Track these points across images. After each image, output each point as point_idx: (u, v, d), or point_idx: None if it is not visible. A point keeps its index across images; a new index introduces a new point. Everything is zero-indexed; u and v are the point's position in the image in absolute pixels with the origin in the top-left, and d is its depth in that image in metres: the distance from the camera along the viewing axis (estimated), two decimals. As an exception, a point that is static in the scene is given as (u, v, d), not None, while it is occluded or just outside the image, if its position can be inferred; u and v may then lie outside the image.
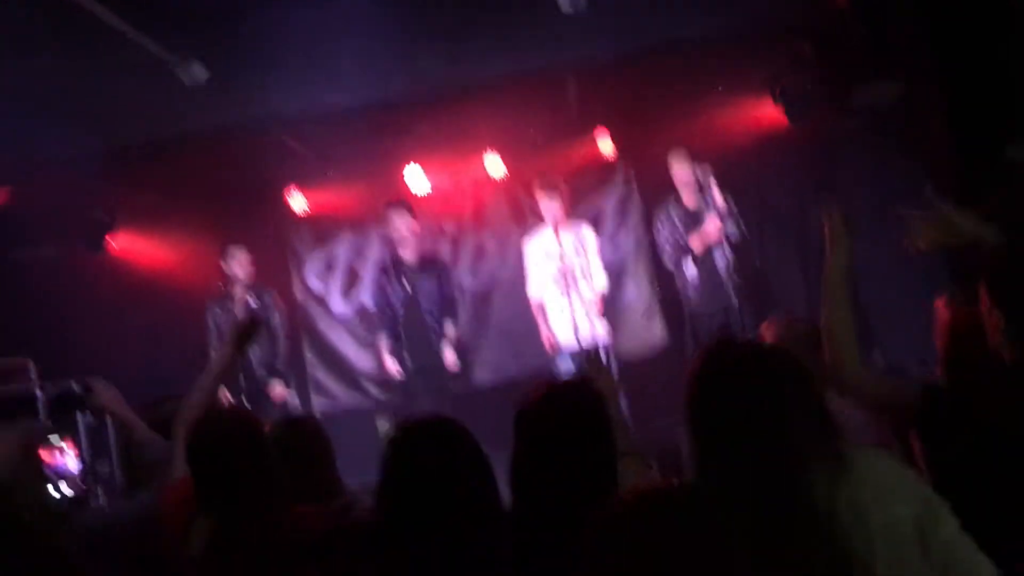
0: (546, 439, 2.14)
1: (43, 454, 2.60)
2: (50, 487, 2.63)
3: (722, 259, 6.52)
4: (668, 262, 6.78)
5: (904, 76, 6.70)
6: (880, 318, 7.11)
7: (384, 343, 6.91)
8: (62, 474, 2.60)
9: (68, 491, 2.68)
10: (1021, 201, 2.38)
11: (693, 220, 6.61)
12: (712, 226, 6.41)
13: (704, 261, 6.56)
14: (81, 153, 6.02)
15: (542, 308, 6.67)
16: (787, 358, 1.87)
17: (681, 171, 6.63)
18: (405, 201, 7.01)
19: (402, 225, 6.81)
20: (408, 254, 6.88)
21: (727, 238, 6.51)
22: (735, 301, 6.49)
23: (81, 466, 2.61)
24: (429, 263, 6.99)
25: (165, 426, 2.96)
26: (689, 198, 6.67)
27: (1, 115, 5.37)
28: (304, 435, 3.07)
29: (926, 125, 6.15)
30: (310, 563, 2.28)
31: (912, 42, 5.79)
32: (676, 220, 6.67)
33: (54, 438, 2.68)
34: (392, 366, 6.77)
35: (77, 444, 2.67)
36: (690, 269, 6.63)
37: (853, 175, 7.60)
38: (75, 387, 3.15)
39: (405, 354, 6.70)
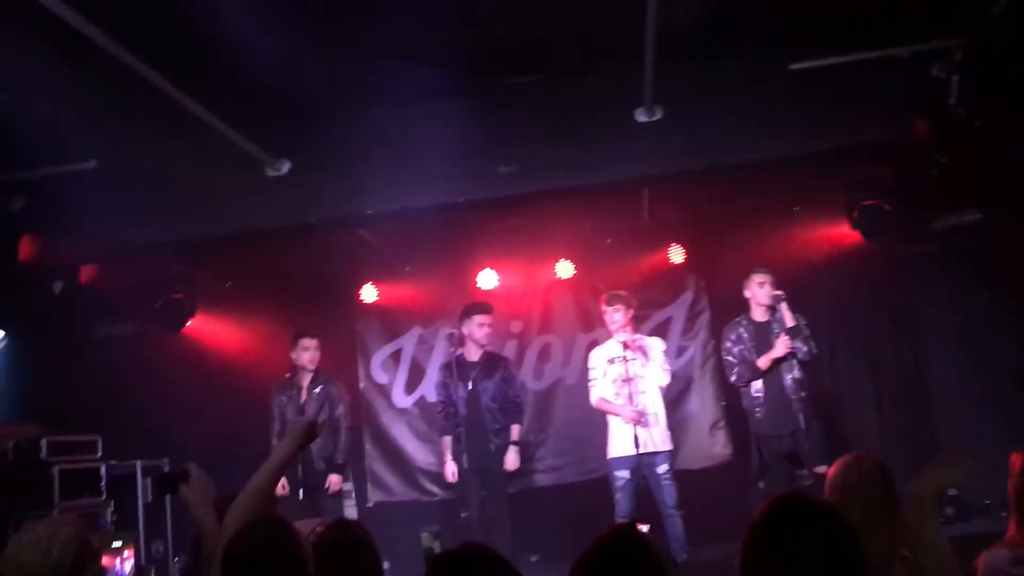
0: None
1: (104, 558, 2.55)
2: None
3: (791, 379, 6.40)
4: (736, 379, 6.65)
5: (984, 205, 6.64)
6: (955, 447, 6.86)
7: (446, 442, 6.89)
8: None
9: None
10: None
11: (763, 336, 6.52)
12: (781, 345, 6.32)
13: (772, 381, 6.43)
14: (167, 238, 6.25)
15: (604, 405, 6.60)
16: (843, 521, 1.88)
17: (755, 288, 6.56)
18: (488, 304, 7.04)
19: (481, 328, 6.84)
20: (473, 353, 6.90)
21: (796, 357, 6.41)
22: (803, 423, 6.35)
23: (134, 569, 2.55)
24: (493, 363, 6.98)
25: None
26: (760, 314, 6.59)
27: (95, 196, 5.66)
28: (352, 540, 3.06)
29: (1005, 253, 6.05)
30: None
31: (992, 172, 5.74)
32: (745, 336, 6.58)
33: (117, 542, 2.63)
34: (450, 467, 6.71)
35: (135, 541, 2.62)
36: (757, 388, 6.50)
37: (928, 299, 7.47)
38: (170, 469, 3.12)
39: (463, 454, 6.64)
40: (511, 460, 6.69)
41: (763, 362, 6.41)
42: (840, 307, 7.75)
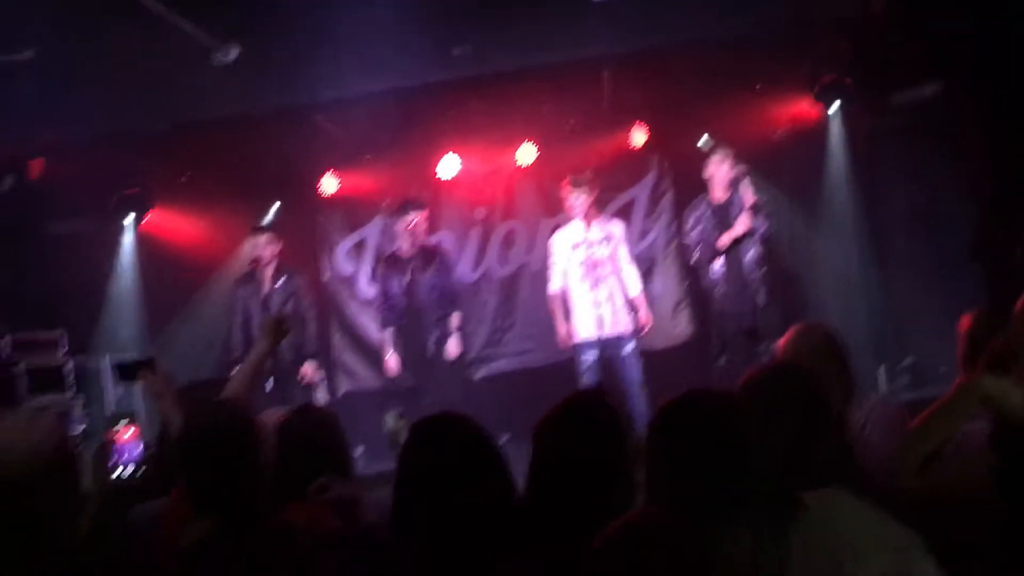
0: (562, 457, 2.14)
1: (113, 436, 2.52)
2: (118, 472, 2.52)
3: (750, 257, 6.45)
4: (696, 259, 6.71)
5: (943, 76, 6.60)
6: (914, 320, 7.03)
7: (386, 335, 6.94)
8: (130, 459, 2.51)
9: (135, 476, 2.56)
10: None
11: (723, 216, 6.53)
12: (741, 224, 6.35)
13: (732, 259, 6.48)
14: (117, 130, 6.08)
15: (561, 300, 6.62)
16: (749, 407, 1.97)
17: (716, 167, 6.55)
18: (419, 202, 6.96)
19: (411, 224, 6.79)
20: (407, 249, 6.87)
21: (757, 235, 6.45)
22: (762, 300, 6.44)
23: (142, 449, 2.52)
24: (428, 255, 6.92)
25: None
26: (720, 193, 6.59)
27: (39, 89, 5.47)
28: (317, 424, 3.06)
29: (964, 125, 6.06)
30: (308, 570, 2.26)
31: (951, 43, 5.69)
32: (706, 216, 6.59)
33: (123, 420, 2.58)
34: (392, 359, 6.78)
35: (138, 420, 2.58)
36: (717, 267, 6.56)
37: (891, 173, 7.51)
38: (137, 357, 3.03)
39: (406, 345, 6.73)
40: (452, 348, 6.72)
41: (723, 241, 6.45)
42: (802, 182, 7.77)
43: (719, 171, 6.53)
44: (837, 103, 7.16)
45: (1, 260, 6.48)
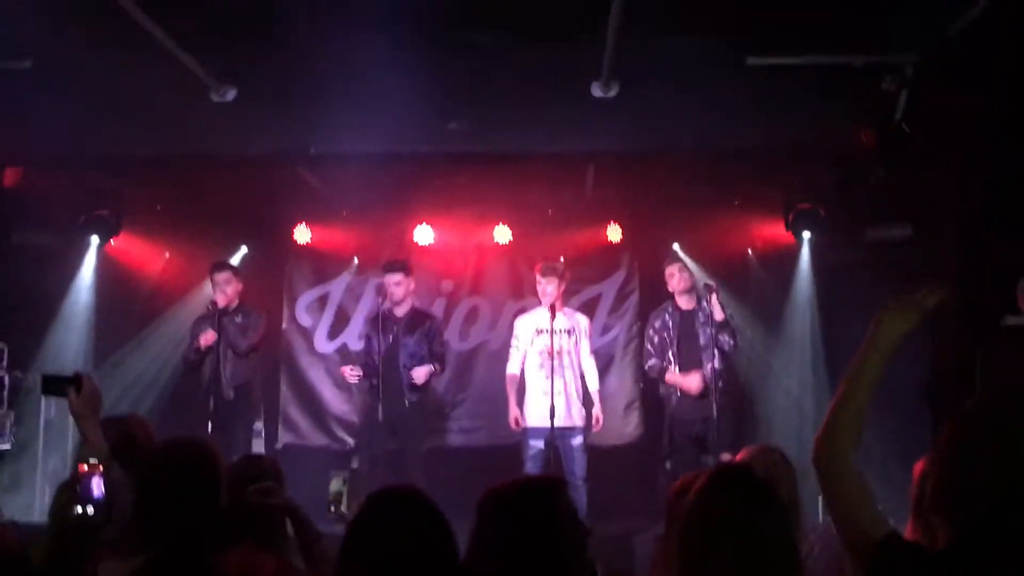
0: (500, 539, 2.12)
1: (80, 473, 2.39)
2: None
3: (710, 368, 6.53)
4: (648, 369, 6.85)
5: (915, 221, 6.83)
6: (863, 456, 7.07)
7: (360, 390, 6.86)
8: (93, 497, 2.39)
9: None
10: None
11: (688, 325, 6.66)
12: (695, 380, 6.52)
13: (690, 363, 6.59)
14: (100, 151, 6.04)
15: (514, 383, 6.63)
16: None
17: (682, 277, 6.67)
18: (403, 263, 6.96)
19: (398, 287, 6.78)
20: (400, 310, 6.85)
21: (720, 350, 6.55)
22: (715, 412, 6.48)
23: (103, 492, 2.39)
24: (418, 320, 6.91)
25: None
26: (686, 303, 6.71)
27: (27, 98, 5.43)
28: (261, 473, 3.04)
29: (931, 269, 6.23)
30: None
31: (928, 190, 5.90)
32: (670, 324, 6.70)
33: (92, 459, 2.45)
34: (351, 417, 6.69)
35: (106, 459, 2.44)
36: (674, 368, 6.64)
37: (853, 306, 7.66)
38: (66, 373, 2.89)
39: (378, 405, 6.62)
40: (419, 374, 6.62)
41: (670, 377, 6.62)
42: (766, 303, 7.91)
43: (674, 281, 6.69)
44: (808, 232, 7.33)
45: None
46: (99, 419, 2.77)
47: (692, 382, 6.55)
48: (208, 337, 6.43)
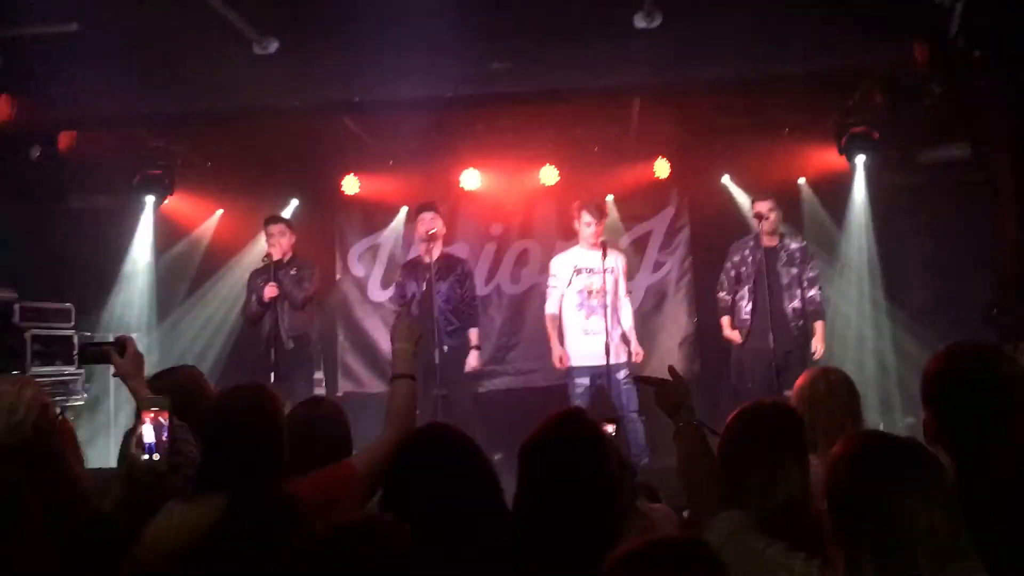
0: (546, 479, 2.14)
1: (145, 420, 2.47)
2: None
3: (791, 308, 6.46)
4: (721, 297, 6.70)
5: (973, 139, 6.63)
6: (928, 352, 6.99)
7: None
8: (159, 444, 2.46)
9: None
10: None
11: (771, 260, 6.48)
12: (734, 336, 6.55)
13: (775, 302, 6.40)
14: (148, 110, 6.12)
15: (555, 323, 6.63)
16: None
17: (772, 217, 6.46)
18: (432, 203, 6.86)
19: (426, 224, 6.68)
20: (433, 254, 6.84)
21: (803, 283, 6.47)
22: (793, 346, 6.45)
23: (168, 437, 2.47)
24: (450, 265, 6.84)
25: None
26: (770, 240, 6.54)
27: (78, 63, 5.51)
28: (324, 416, 3.12)
29: (991, 190, 6.07)
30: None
31: (986, 108, 5.71)
32: (750, 259, 6.51)
33: (153, 408, 2.52)
34: None
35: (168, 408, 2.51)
36: (748, 305, 6.52)
37: (912, 230, 7.53)
38: (108, 339, 3.00)
39: (435, 351, 6.67)
40: (471, 363, 6.68)
41: (724, 326, 6.63)
42: (822, 231, 7.79)
43: (770, 218, 6.46)
44: (863, 156, 7.16)
45: (20, 229, 6.51)
46: (143, 377, 2.87)
47: (733, 337, 6.57)
48: (271, 290, 6.52)
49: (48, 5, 5.30)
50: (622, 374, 6.42)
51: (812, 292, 6.48)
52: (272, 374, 6.50)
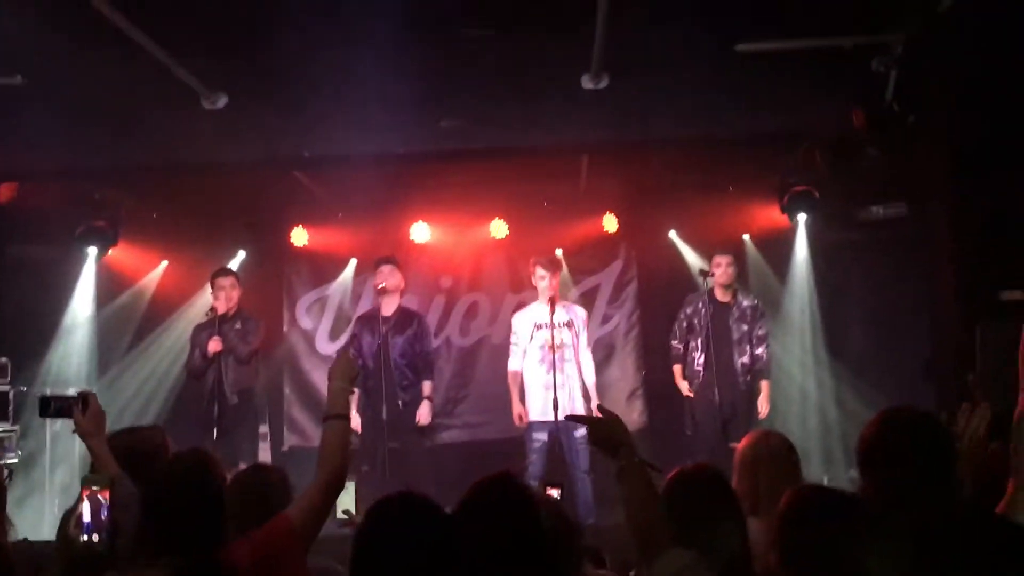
0: (477, 544, 2.13)
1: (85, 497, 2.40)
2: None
3: (743, 360, 6.64)
4: (673, 345, 6.81)
5: (909, 198, 6.84)
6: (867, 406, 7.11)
7: (353, 396, 6.82)
8: (99, 524, 2.38)
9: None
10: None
11: (720, 317, 6.67)
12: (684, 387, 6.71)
13: (722, 358, 6.56)
14: (94, 163, 6.05)
15: (517, 379, 6.62)
16: None
17: (728, 272, 6.65)
18: (392, 256, 6.93)
19: (392, 276, 6.76)
20: (388, 307, 6.85)
21: (752, 340, 6.65)
22: (739, 401, 6.58)
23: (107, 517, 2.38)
24: (406, 318, 6.87)
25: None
26: (723, 295, 6.72)
27: (19, 113, 5.44)
28: (268, 483, 3.07)
29: (929, 247, 6.25)
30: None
31: (921, 169, 5.91)
32: (703, 312, 6.67)
33: (95, 485, 2.43)
34: (355, 419, 6.58)
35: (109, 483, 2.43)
36: (699, 361, 6.66)
37: (852, 286, 7.71)
38: (71, 393, 2.92)
39: (371, 407, 6.64)
40: (423, 415, 6.64)
41: (677, 375, 6.76)
42: (763, 288, 7.93)
43: (719, 271, 6.63)
44: (804, 214, 7.35)
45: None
46: (105, 436, 2.80)
47: (683, 387, 6.71)
48: (215, 344, 6.44)
49: (-6, 57, 5.23)
50: (580, 432, 6.39)
51: (760, 350, 6.65)
52: (215, 429, 6.39)
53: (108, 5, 4.43)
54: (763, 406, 6.54)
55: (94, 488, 2.38)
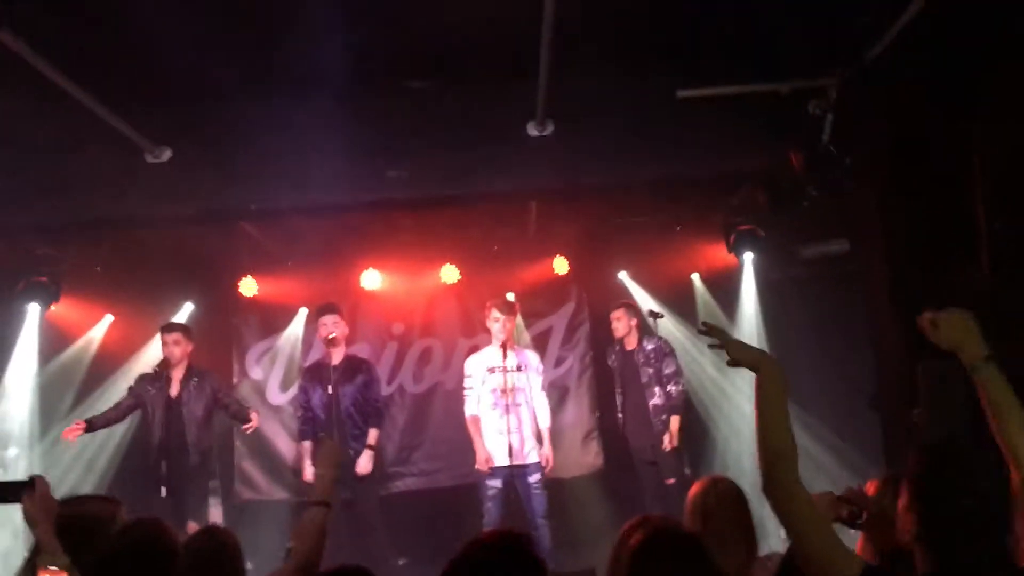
0: None
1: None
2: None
3: (652, 404, 6.94)
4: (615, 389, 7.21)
5: (850, 235, 7.00)
6: (812, 470, 7.20)
7: (304, 447, 6.75)
8: None
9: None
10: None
11: (629, 363, 7.13)
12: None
13: (635, 399, 6.85)
14: (34, 221, 5.94)
15: (477, 424, 6.58)
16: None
17: (623, 324, 7.12)
18: (333, 304, 6.90)
19: (336, 326, 6.72)
20: (336, 357, 6.80)
21: (663, 380, 6.89)
22: (663, 440, 6.82)
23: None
24: (354, 367, 6.83)
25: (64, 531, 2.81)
26: (630, 343, 7.16)
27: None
28: (220, 547, 3.01)
29: (869, 281, 6.39)
30: None
31: (860, 207, 6.06)
32: (615, 363, 7.22)
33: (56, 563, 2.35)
34: (309, 470, 6.50)
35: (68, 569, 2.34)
36: (619, 404, 7.16)
37: (798, 320, 7.83)
38: (18, 479, 2.85)
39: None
40: (363, 465, 6.54)
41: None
42: (716, 324, 8.02)
43: (619, 325, 7.09)
44: (750, 252, 7.48)
45: None
46: (52, 523, 2.74)
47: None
48: (256, 418, 6.70)
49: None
50: (534, 478, 6.37)
51: (671, 387, 6.94)
52: (163, 488, 6.25)
53: (48, 64, 4.39)
54: (667, 442, 6.81)
55: (52, 568, 2.30)
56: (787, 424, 2.32)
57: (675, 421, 6.84)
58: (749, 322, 7.91)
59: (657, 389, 6.91)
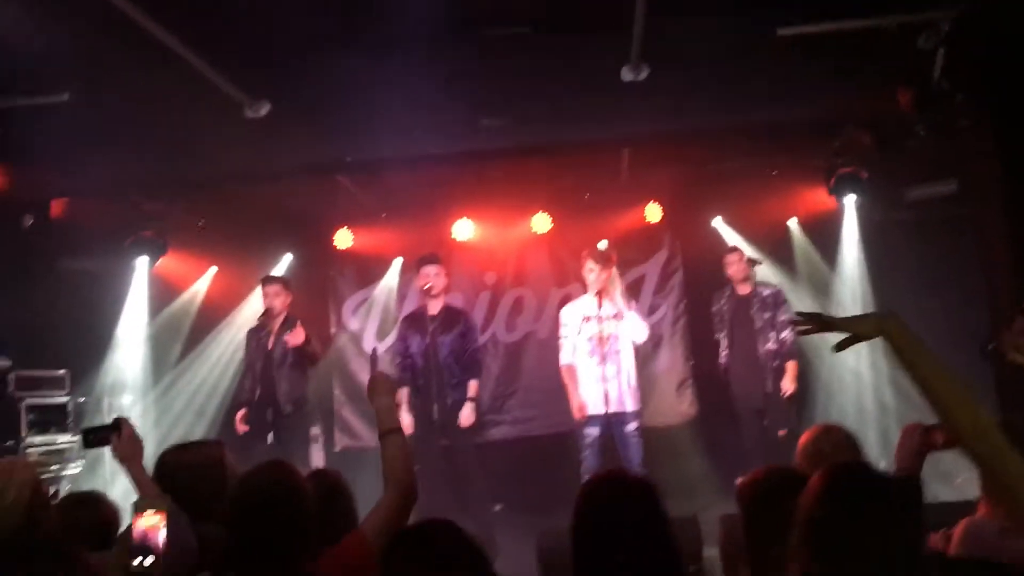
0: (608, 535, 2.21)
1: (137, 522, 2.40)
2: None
3: (764, 350, 6.76)
4: (717, 333, 7.08)
5: (959, 176, 6.69)
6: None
7: (401, 394, 6.85)
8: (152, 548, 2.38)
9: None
10: None
11: (743, 310, 6.90)
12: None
13: (747, 346, 6.68)
14: (140, 176, 6.14)
15: (572, 373, 6.58)
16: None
17: (740, 267, 6.91)
18: (435, 255, 6.92)
19: (438, 278, 6.76)
20: (433, 307, 6.87)
21: (777, 326, 6.73)
22: (771, 387, 6.66)
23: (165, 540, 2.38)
24: (453, 317, 6.85)
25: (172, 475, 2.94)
26: (743, 288, 6.95)
27: (68, 130, 5.53)
28: (328, 488, 3.08)
29: (979, 225, 6.12)
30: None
31: (970, 147, 5.78)
32: (725, 308, 6.99)
33: (149, 510, 2.43)
34: (407, 418, 6.60)
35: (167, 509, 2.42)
36: (724, 350, 6.95)
37: (903, 267, 7.56)
38: (105, 423, 3.00)
39: (433, 405, 6.64)
40: (465, 416, 6.60)
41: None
42: (812, 272, 7.83)
43: (732, 269, 6.88)
44: (852, 195, 7.21)
45: (14, 296, 6.48)
46: (141, 460, 2.87)
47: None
48: (296, 336, 6.50)
49: (40, 76, 5.33)
50: (631, 426, 6.34)
51: (785, 334, 6.73)
52: (269, 435, 6.48)
53: (151, 20, 4.49)
54: (787, 386, 6.66)
55: (149, 511, 2.39)
56: (948, 374, 2.06)
57: (792, 366, 6.70)
58: (851, 268, 7.67)
59: (772, 334, 6.76)
